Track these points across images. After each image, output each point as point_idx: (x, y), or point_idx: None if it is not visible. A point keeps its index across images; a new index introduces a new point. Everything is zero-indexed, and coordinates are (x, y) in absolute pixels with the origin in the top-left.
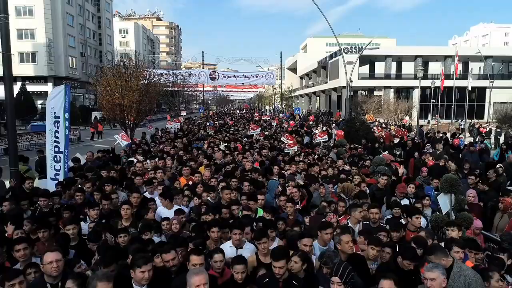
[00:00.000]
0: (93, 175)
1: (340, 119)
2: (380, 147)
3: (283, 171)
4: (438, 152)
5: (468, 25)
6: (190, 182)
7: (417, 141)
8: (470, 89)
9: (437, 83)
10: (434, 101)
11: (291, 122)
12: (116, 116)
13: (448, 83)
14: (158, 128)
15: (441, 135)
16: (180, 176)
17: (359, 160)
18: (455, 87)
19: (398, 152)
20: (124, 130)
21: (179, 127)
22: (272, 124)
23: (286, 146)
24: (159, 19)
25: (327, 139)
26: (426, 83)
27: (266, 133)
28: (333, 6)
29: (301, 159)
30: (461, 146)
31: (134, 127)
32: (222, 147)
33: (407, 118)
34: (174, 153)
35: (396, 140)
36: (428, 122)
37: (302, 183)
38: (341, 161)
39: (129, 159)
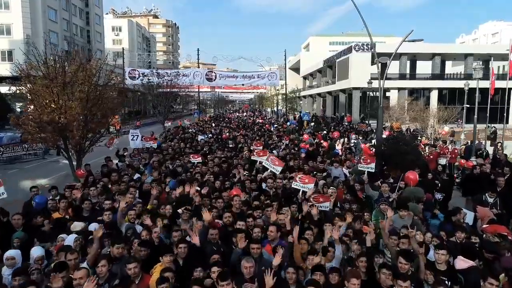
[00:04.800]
0: None
1: (373, 131)
2: (443, 181)
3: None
4: None
5: (473, 23)
6: None
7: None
8: None
9: (472, 84)
10: (468, 105)
11: (305, 136)
12: (47, 140)
13: (472, 84)
14: (128, 149)
15: None
16: None
17: (448, 241)
18: (497, 88)
19: (490, 200)
20: (67, 157)
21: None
22: (283, 141)
23: (312, 200)
24: (156, 17)
25: (373, 169)
26: (442, 84)
27: (275, 152)
28: (332, 6)
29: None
30: None
31: (82, 153)
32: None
33: (446, 128)
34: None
35: (442, 161)
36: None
37: None
38: (418, 234)
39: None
